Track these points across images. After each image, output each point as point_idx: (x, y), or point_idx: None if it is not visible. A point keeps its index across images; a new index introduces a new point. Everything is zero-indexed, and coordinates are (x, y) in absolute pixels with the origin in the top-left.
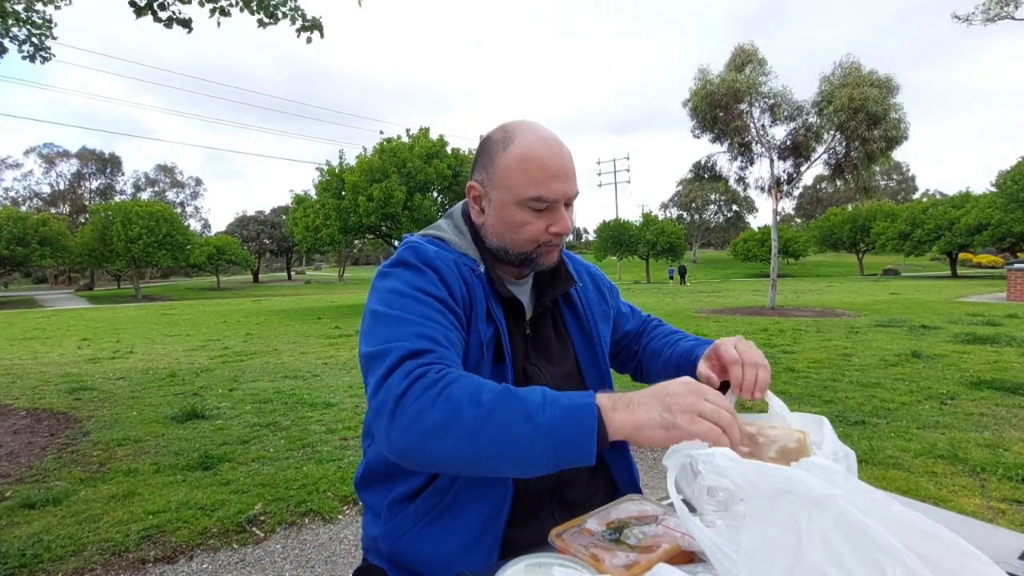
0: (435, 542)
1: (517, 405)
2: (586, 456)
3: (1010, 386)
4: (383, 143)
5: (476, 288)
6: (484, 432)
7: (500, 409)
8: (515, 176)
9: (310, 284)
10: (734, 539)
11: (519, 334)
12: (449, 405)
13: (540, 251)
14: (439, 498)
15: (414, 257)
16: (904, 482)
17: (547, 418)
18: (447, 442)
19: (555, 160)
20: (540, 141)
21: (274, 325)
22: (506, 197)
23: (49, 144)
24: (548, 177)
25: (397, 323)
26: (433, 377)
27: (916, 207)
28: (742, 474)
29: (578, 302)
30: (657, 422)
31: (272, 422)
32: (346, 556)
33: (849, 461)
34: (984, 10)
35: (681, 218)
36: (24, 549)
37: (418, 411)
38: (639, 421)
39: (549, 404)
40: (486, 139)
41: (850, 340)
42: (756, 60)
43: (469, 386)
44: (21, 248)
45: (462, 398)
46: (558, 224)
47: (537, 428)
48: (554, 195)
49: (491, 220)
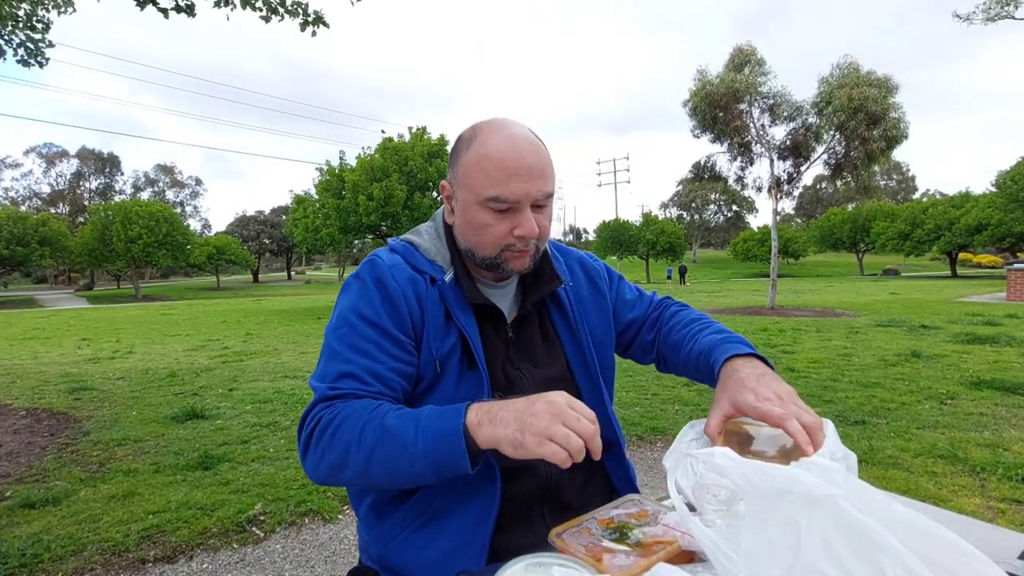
0: (422, 548)
1: (393, 442)
2: (463, 467)
3: (1010, 386)
4: (385, 142)
5: (430, 302)
6: (372, 467)
7: (380, 447)
8: (475, 176)
9: (310, 284)
10: (734, 539)
11: (499, 338)
12: (338, 449)
13: (505, 256)
14: (425, 505)
15: (368, 273)
16: (904, 482)
17: (420, 448)
18: (345, 476)
19: (517, 159)
20: (503, 139)
21: (274, 325)
22: (468, 197)
23: (49, 144)
24: (507, 176)
25: (331, 359)
26: (325, 421)
27: (916, 207)
28: (742, 474)
29: (566, 302)
30: (509, 440)
31: (272, 422)
32: (346, 556)
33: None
34: (984, 9)
35: (681, 218)
36: (24, 549)
37: (319, 456)
38: (497, 437)
39: (421, 433)
40: (457, 138)
41: (850, 340)
42: (755, 60)
43: (354, 428)
44: (21, 248)
45: (350, 440)
46: (522, 227)
47: (413, 458)
48: (514, 195)
49: (458, 221)
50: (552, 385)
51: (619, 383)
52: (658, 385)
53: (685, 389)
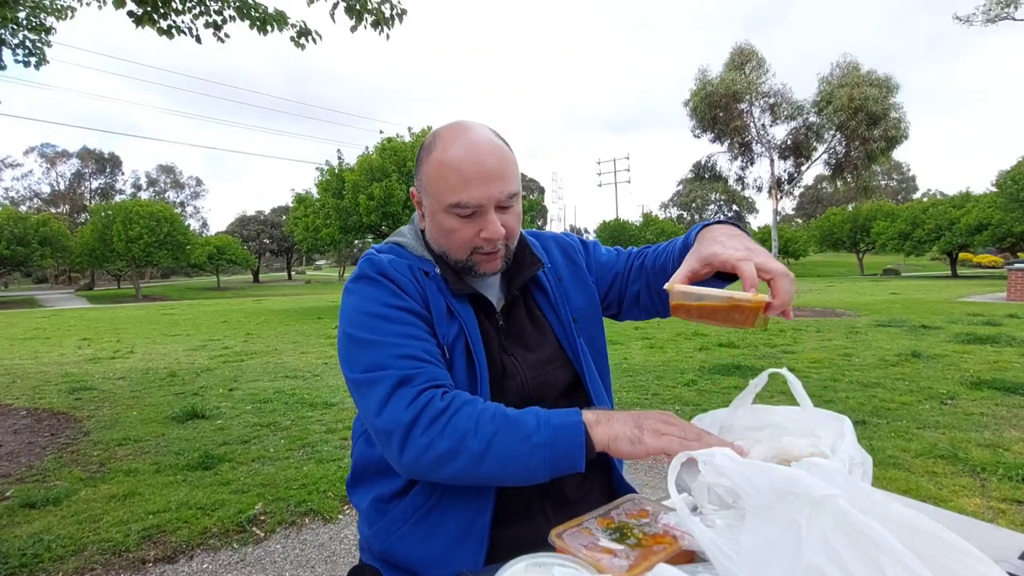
0: (423, 541)
1: (515, 430)
2: (577, 466)
3: (1010, 386)
4: (384, 142)
5: (430, 291)
6: (488, 456)
7: (501, 434)
8: (436, 183)
9: (310, 284)
10: (734, 539)
11: (492, 326)
12: (456, 435)
13: (476, 259)
14: (424, 499)
15: (371, 269)
16: (904, 482)
17: (542, 438)
18: (454, 466)
19: (475, 164)
20: (461, 146)
21: (274, 325)
22: (433, 204)
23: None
24: (465, 182)
25: (375, 347)
26: (439, 406)
27: (916, 207)
28: (742, 474)
29: (547, 284)
30: (627, 436)
31: (272, 422)
32: (346, 556)
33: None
34: (985, 11)
35: (681, 218)
36: (24, 549)
37: (428, 442)
38: (616, 433)
39: (543, 425)
40: (421, 145)
41: (850, 340)
42: (755, 60)
43: (472, 414)
44: (21, 248)
45: (467, 427)
46: (487, 229)
47: (534, 448)
48: (475, 200)
49: (428, 226)
50: (544, 367)
51: (619, 383)
52: (658, 385)
53: (686, 389)
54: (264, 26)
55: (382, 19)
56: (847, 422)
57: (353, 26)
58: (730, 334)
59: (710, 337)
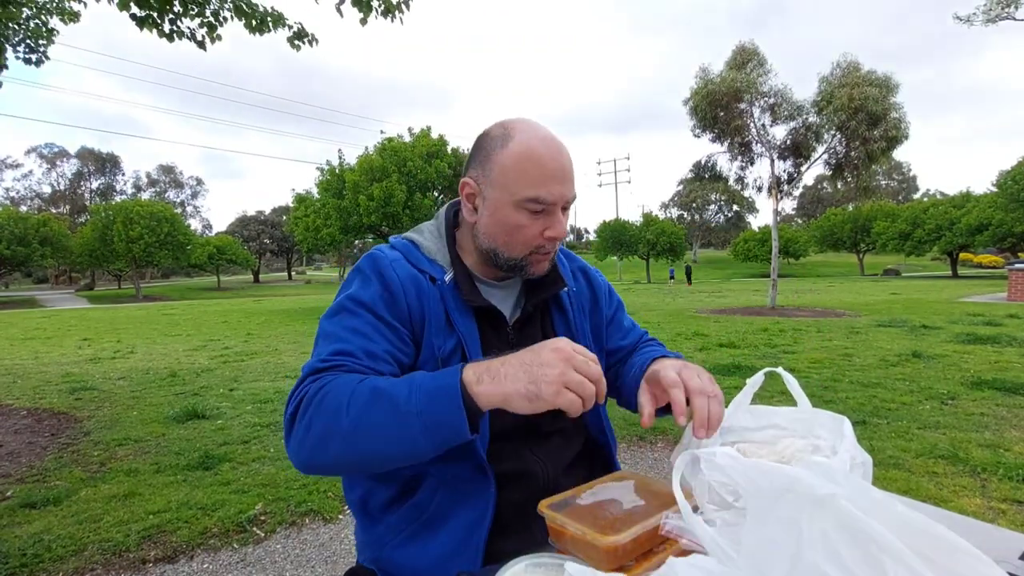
0: (417, 552)
1: (384, 403)
2: (460, 432)
3: (1011, 386)
4: (384, 142)
5: (431, 300)
6: (359, 432)
7: (370, 410)
8: (512, 175)
9: (311, 284)
10: (735, 538)
11: (500, 340)
12: (326, 417)
13: (531, 259)
14: (421, 510)
15: (368, 266)
16: (905, 482)
17: (413, 406)
18: (332, 449)
19: (555, 161)
20: (540, 140)
21: (275, 325)
22: (502, 197)
23: (49, 144)
24: (547, 178)
25: (325, 340)
26: (313, 391)
27: (917, 207)
28: (743, 473)
29: (568, 307)
30: (522, 393)
31: (273, 422)
32: (346, 556)
33: (866, 468)
34: (985, 11)
35: (681, 218)
36: (25, 549)
37: (305, 428)
38: (506, 392)
39: (415, 391)
40: (483, 135)
41: (851, 340)
42: (757, 59)
43: (343, 393)
44: (22, 248)
45: (337, 406)
46: (554, 228)
47: (405, 418)
48: (552, 197)
49: (484, 220)
50: None
51: None
52: None
53: None
54: (261, 26)
55: (391, 6)
56: (846, 422)
57: (363, 18)
58: (730, 334)
59: (710, 337)
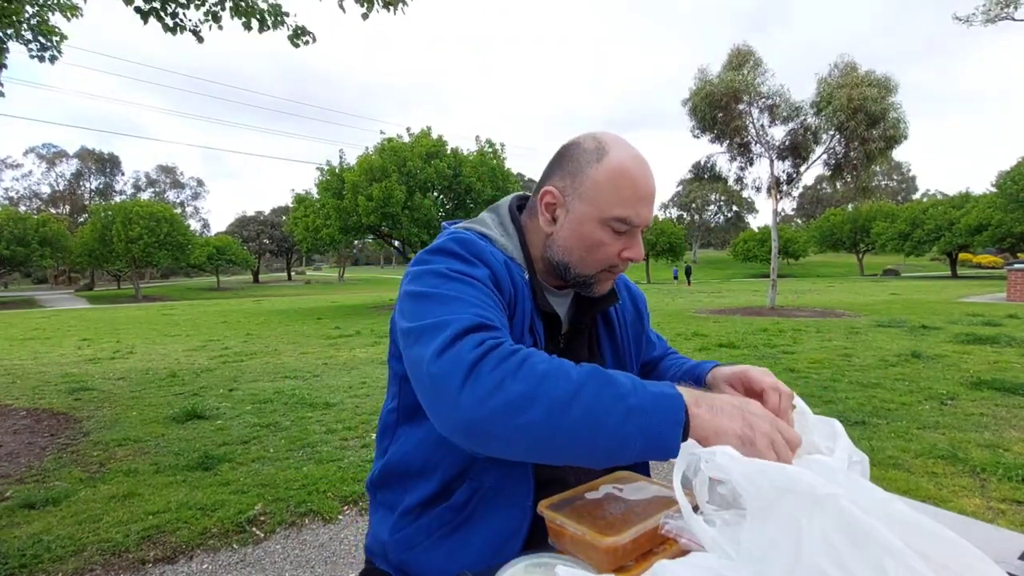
0: (448, 557)
1: (609, 385)
2: (670, 448)
3: (1010, 386)
4: (384, 143)
5: (524, 295)
6: (574, 407)
7: (591, 385)
8: (605, 192)
9: (310, 284)
10: (735, 538)
11: (554, 349)
12: (535, 376)
13: (601, 276)
14: (455, 514)
15: (460, 247)
16: (904, 482)
17: (638, 402)
18: (530, 415)
19: (647, 182)
20: (633, 160)
21: (274, 325)
22: (589, 212)
23: (48, 144)
24: (639, 198)
25: (451, 302)
26: (509, 348)
27: (916, 207)
28: (743, 472)
29: (615, 321)
30: (737, 434)
31: (272, 422)
32: (346, 556)
33: (863, 466)
34: (984, 11)
35: (681, 218)
36: (24, 549)
37: (499, 379)
38: (720, 427)
39: (639, 389)
40: (573, 145)
41: (850, 340)
42: (753, 60)
43: (552, 360)
44: (21, 248)
45: (548, 370)
46: (632, 250)
47: (629, 410)
48: (639, 219)
49: (564, 233)
50: None
51: None
52: None
53: None
54: (263, 24)
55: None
56: (837, 424)
57: (365, 13)
58: (730, 334)
59: (710, 338)
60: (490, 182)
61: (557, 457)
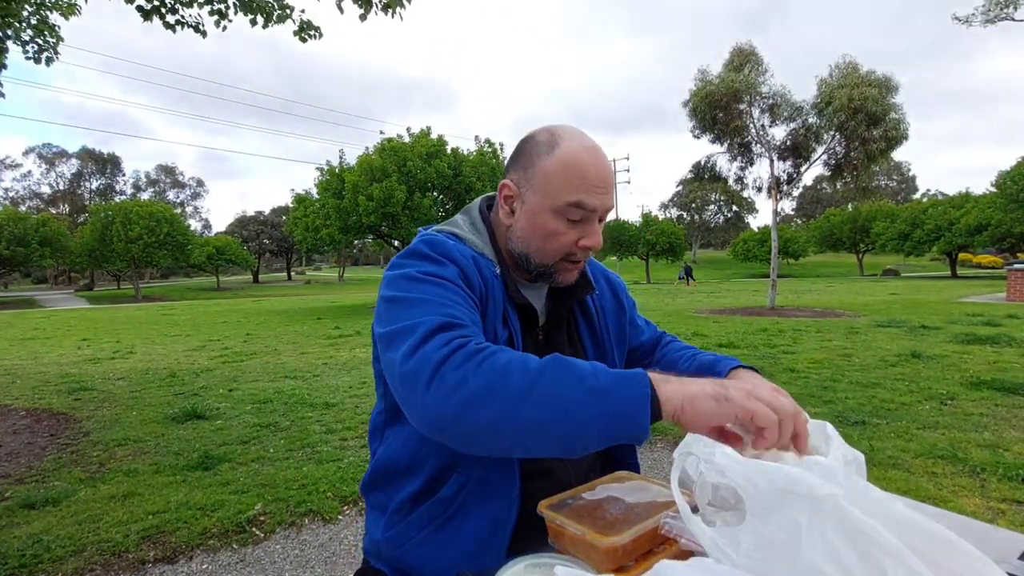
0: (438, 550)
1: (567, 371)
2: (639, 427)
3: (1010, 386)
4: (384, 143)
5: (495, 288)
6: (532, 396)
7: (549, 373)
8: (555, 181)
9: (310, 284)
10: (734, 538)
11: (532, 341)
12: (494, 371)
13: (560, 266)
14: (444, 507)
15: (429, 249)
16: (904, 482)
17: (598, 383)
18: (490, 408)
19: (599, 170)
20: (585, 149)
21: (274, 325)
22: (542, 202)
23: (48, 144)
24: (589, 185)
25: (419, 304)
26: (474, 347)
27: (916, 207)
28: (743, 473)
29: (593, 311)
30: (709, 394)
31: (272, 422)
32: (346, 556)
33: (858, 464)
34: (984, 11)
35: (681, 218)
36: (24, 549)
37: (460, 378)
38: (689, 391)
39: (600, 372)
40: (528, 139)
41: (850, 340)
42: (754, 60)
43: (514, 354)
44: (21, 248)
45: (508, 364)
46: (590, 237)
47: (590, 392)
48: (593, 204)
49: (521, 224)
50: None
51: None
52: None
53: None
54: (268, 19)
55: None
56: (829, 426)
57: (363, 14)
58: (729, 334)
59: (710, 338)
60: (490, 182)
61: (524, 448)
